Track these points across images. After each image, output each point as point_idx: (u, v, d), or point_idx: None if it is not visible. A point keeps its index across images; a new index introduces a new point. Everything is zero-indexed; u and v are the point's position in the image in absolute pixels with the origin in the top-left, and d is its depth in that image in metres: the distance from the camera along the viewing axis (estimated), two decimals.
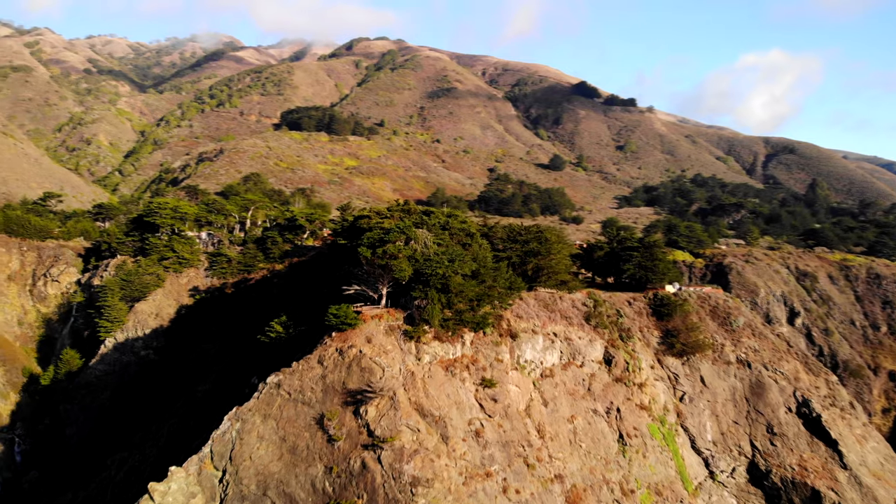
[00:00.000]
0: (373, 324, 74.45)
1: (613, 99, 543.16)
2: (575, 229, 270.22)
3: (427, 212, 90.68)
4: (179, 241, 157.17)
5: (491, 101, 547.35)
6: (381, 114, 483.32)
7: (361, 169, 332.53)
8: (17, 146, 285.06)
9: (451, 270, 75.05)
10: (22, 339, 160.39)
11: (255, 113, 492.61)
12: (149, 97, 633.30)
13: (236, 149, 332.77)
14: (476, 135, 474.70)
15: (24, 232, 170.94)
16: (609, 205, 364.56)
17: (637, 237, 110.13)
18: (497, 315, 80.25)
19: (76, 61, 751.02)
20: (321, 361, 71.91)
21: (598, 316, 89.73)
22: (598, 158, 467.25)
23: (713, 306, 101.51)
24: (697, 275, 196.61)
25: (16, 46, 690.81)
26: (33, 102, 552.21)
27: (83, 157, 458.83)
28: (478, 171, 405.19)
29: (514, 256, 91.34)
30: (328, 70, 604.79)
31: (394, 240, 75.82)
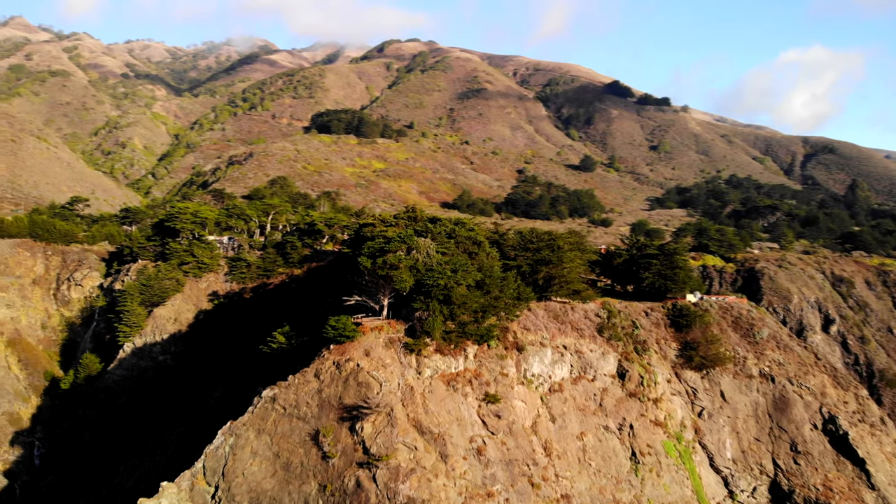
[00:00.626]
0: (372, 336, 72.22)
1: (647, 98, 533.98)
2: (603, 232, 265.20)
3: (433, 219, 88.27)
4: (199, 246, 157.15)
5: (521, 101, 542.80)
6: (411, 116, 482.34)
7: (388, 171, 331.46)
8: (50, 150, 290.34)
9: (454, 281, 72.48)
10: (45, 342, 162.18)
11: (286, 116, 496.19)
12: (183, 101, 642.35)
13: (265, 152, 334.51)
14: (505, 136, 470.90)
15: (49, 236, 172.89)
16: (640, 206, 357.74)
17: (657, 244, 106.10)
18: (503, 327, 77.44)
19: (114, 66, 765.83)
20: (318, 375, 69.92)
21: (611, 327, 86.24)
22: (630, 159, 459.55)
23: (735, 317, 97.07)
24: (728, 280, 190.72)
25: (55, 51, 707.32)
26: (71, 107, 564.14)
27: (118, 160, 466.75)
28: (506, 173, 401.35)
29: (524, 265, 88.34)
30: (359, 73, 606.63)
31: (394, 249, 73.56)
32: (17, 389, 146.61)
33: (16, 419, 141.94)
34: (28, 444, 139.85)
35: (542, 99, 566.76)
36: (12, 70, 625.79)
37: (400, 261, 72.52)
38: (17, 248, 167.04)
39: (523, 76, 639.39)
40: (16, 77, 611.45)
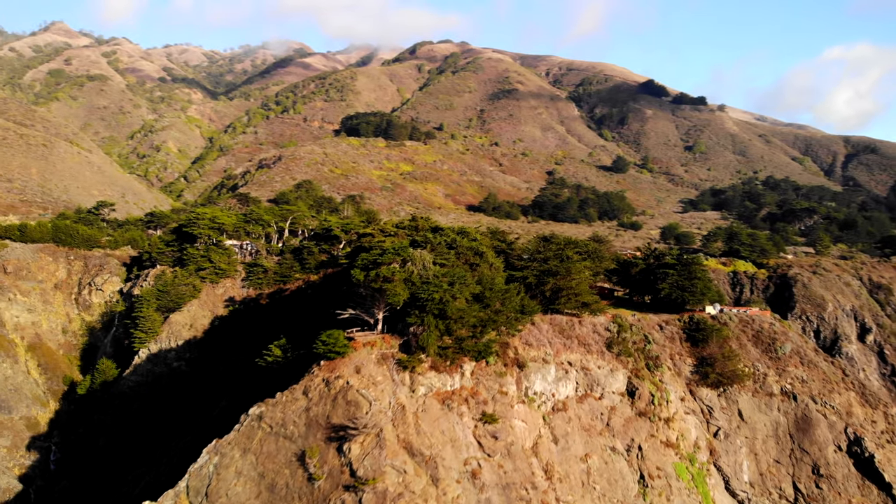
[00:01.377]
0: (364, 352, 69.52)
1: (682, 97, 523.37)
2: (632, 236, 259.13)
3: (436, 228, 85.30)
4: (217, 252, 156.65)
5: (553, 101, 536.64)
6: (441, 117, 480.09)
7: (415, 174, 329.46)
8: (81, 154, 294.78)
9: (450, 295, 69.37)
10: (65, 346, 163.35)
11: (318, 119, 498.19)
12: (217, 104, 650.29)
13: (293, 156, 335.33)
14: (536, 137, 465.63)
15: (72, 241, 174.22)
16: (673, 209, 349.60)
17: (675, 253, 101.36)
18: (503, 342, 74.08)
19: (151, 70, 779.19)
20: (306, 393, 67.46)
21: (621, 342, 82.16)
22: (664, 160, 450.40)
23: (756, 331, 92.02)
24: (760, 287, 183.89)
25: (94, 56, 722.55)
26: (108, 111, 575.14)
27: (152, 163, 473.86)
28: (536, 175, 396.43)
29: (530, 276, 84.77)
30: (390, 75, 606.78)
31: (388, 261, 70.76)
32: (35, 394, 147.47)
33: (33, 424, 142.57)
34: (45, 448, 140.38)
35: (574, 99, 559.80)
36: (52, 75, 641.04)
37: (394, 273, 69.69)
38: (39, 253, 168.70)
39: (556, 76, 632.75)
40: (55, 82, 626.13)
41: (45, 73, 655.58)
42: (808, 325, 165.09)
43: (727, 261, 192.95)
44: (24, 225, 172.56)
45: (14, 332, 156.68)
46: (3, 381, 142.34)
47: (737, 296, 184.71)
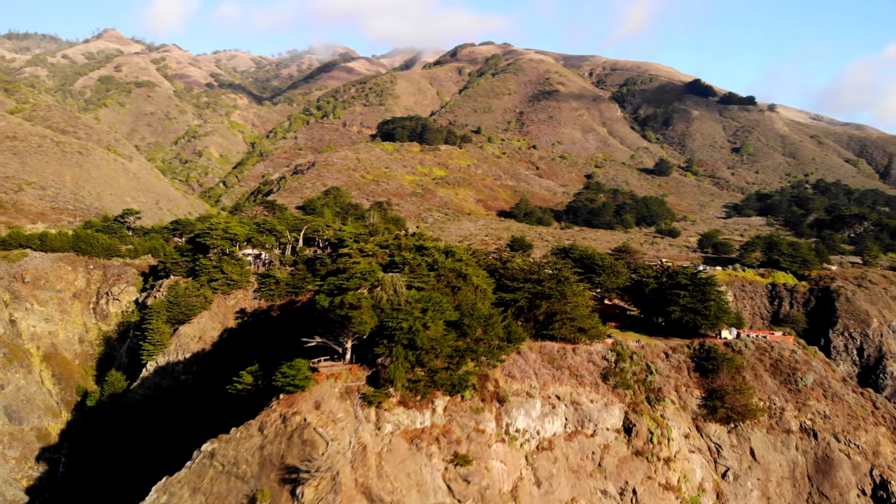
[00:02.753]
0: (326, 385, 64.53)
1: (730, 97, 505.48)
2: (668, 243, 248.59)
3: (421, 247, 79.77)
4: (229, 262, 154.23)
5: (595, 102, 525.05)
6: (479, 120, 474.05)
7: (448, 179, 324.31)
8: (118, 161, 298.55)
9: (421, 323, 63.83)
10: (82, 356, 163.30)
11: (356, 123, 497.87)
12: (260, 109, 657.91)
13: (326, 162, 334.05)
14: (576, 139, 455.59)
15: (92, 250, 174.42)
16: (717, 214, 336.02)
17: (689, 271, 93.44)
18: (482, 374, 68.13)
19: (199, 76, 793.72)
20: (262, 429, 62.75)
21: (618, 373, 75.19)
22: (710, 162, 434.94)
23: (775, 359, 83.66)
24: (800, 300, 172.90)
25: (143, 63, 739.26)
26: (154, 116, 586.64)
27: (193, 168, 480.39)
28: (573, 178, 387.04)
29: (522, 299, 78.49)
30: (431, 78, 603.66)
31: (355, 286, 65.58)
32: (48, 405, 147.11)
33: (44, 435, 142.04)
34: (54, 460, 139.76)
35: (618, 100, 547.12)
36: (102, 81, 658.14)
37: (360, 300, 64.44)
38: (58, 263, 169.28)
39: (600, 76, 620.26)
40: (105, 88, 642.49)
41: (95, 79, 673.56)
42: (850, 342, 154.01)
43: (766, 272, 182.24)
44: (45, 234, 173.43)
45: (30, 341, 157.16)
46: (16, 392, 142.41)
47: (775, 310, 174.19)
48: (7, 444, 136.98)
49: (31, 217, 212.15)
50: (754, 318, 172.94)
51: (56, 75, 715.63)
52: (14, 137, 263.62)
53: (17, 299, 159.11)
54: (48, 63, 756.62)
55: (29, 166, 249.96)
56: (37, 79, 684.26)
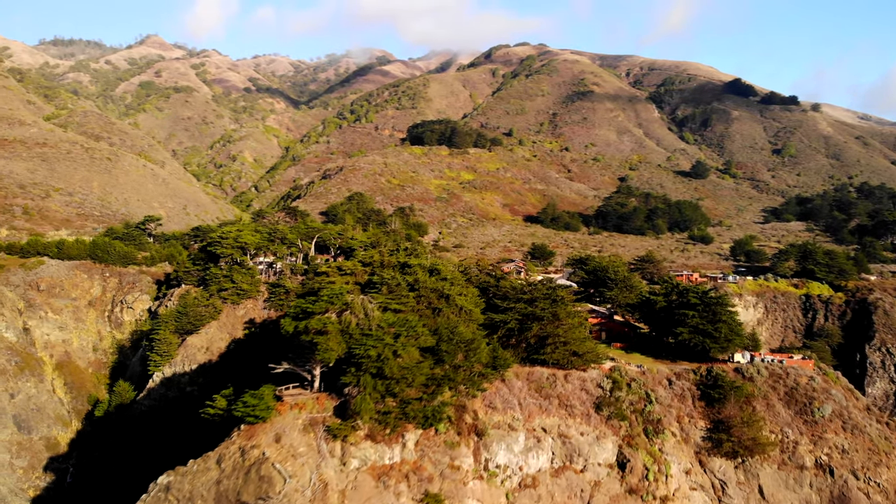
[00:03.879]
0: (289, 416, 60.52)
1: (772, 97, 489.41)
2: (699, 250, 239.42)
3: (405, 265, 75.20)
4: (239, 272, 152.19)
5: (631, 103, 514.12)
6: (511, 123, 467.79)
7: (475, 183, 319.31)
8: (146, 167, 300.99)
9: (392, 350, 59.37)
10: (95, 364, 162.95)
11: (388, 127, 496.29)
12: (295, 114, 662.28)
13: (353, 166, 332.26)
14: (610, 140, 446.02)
15: (108, 258, 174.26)
16: (754, 218, 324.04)
17: (700, 290, 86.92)
18: (459, 405, 63.32)
19: (237, 80, 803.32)
20: (220, 462, 59.01)
21: (613, 403, 69.51)
22: (749, 164, 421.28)
23: (790, 387, 76.82)
24: (835, 313, 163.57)
25: (182, 68, 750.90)
26: (192, 121, 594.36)
27: (227, 173, 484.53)
28: (606, 181, 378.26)
29: (512, 320, 73.40)
30: (464, 80, 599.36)
31: (321, 310, 61.44)
32: (58, 414, 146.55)
33: (53, 444, 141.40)
34: (62, 470, 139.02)
35: (655, 100, 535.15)
36: (142, 87, 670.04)
37: (325, 325, 60.25)
38: (74, 270, 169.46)
39: (637, 76, 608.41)
40: (145, 93, 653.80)
41: (136, 85, 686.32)
42: (887, 357, 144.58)
43: (800, 283, 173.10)
44: (62, 241, 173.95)
45: (43, 349, 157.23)
46: (26, 401, 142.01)
47: (809, 323, 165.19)
48: (15, 453, 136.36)
49: (56, 223, 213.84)
50: (786, 332, 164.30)
51: (98, 81, 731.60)
52: (44, 144, 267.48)
53: (32, 307, 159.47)
54: (91, 69, 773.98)
55: (57, 172, 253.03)
56: (80, 84, 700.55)
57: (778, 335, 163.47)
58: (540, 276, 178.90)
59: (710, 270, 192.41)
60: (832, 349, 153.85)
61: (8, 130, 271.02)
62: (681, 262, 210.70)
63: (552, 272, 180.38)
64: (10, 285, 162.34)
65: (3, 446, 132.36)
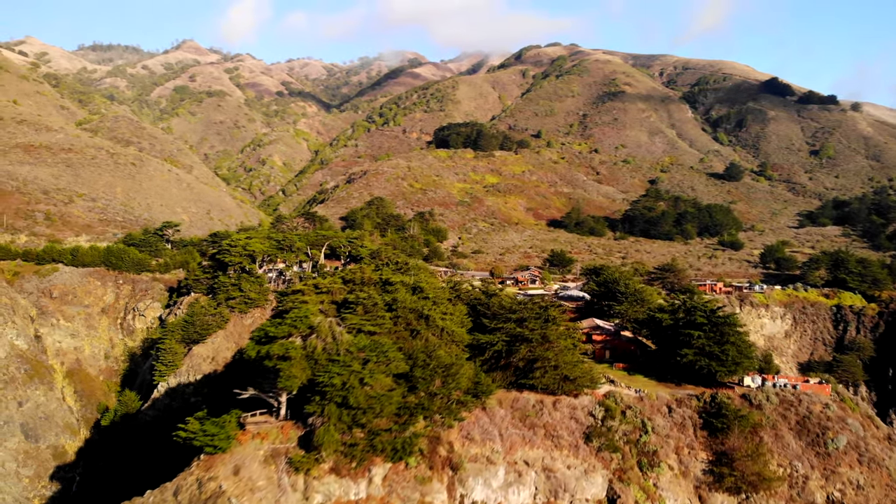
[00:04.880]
0: (250, 447, 57.10)
1: (810, 96, 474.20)
2: (728, 257, 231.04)
3: (387, 282, 71.29)
4: (247, 280, 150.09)
5: (664, 103, 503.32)
6: (539, 124, 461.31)
7: (500, 187, 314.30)
8: (171, 172, 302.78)
9: (358, 378, 55.56)
10: (106, 372, 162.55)
11: (416, 130, 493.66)
12: (325, 117, 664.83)
13: (376, 170, 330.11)
14: (641, 142, 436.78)
15: (123, 265, 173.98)
16: (788, 223, 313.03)
17: (709, 308, 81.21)
18: (433, 436, 59.14)
19: (270, 84, 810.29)
20: (177, 494, 55.87)
21: (605, 433, 64.59)
22: (786, 166, 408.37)
23: (802, 416, 70.86)
24: (868, 325, 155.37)
25: (216, 72, 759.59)
26: (224, 125, 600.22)
27: (256, 177, 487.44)
28: (636, 184, 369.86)
29: (499, 342, 68.98)
30: (493, 82, 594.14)
31: (284, 334, 57.92)
32: (67, 422, 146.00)
33: (60, 453, 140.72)
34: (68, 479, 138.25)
35: (689, 100, 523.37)
36: (177, 91, 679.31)
37: (288, 350, 56.69)
38: (87, 277, 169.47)
39: (670, 76, 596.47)
40: (179, 98, 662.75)
41: (170, 89, 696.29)
42: None
43: (831, 292, 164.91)
44: (77, 248, 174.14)
45: (55, 357, 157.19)
46: (35, 409, 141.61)
47: (840, 335, 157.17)
48: (22, 462, 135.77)
49: (77, 229, 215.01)
50: (815, 344, 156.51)
51: (135, 85, 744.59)
52: (70, 150, 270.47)
53: (44, 314, 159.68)
54: (128, 74, 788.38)
55: (81, 178, 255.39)
56: (116, 89, 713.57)
57: (807, 348, 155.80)
58: (556, 286, 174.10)
59: (737, 279, 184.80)
60: (864, 363, 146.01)
61: (35, 136, 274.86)
62: (707, 270, 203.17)
63: (570, 280, 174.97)
64: (24, 292, 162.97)
65: (9, 455, 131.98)
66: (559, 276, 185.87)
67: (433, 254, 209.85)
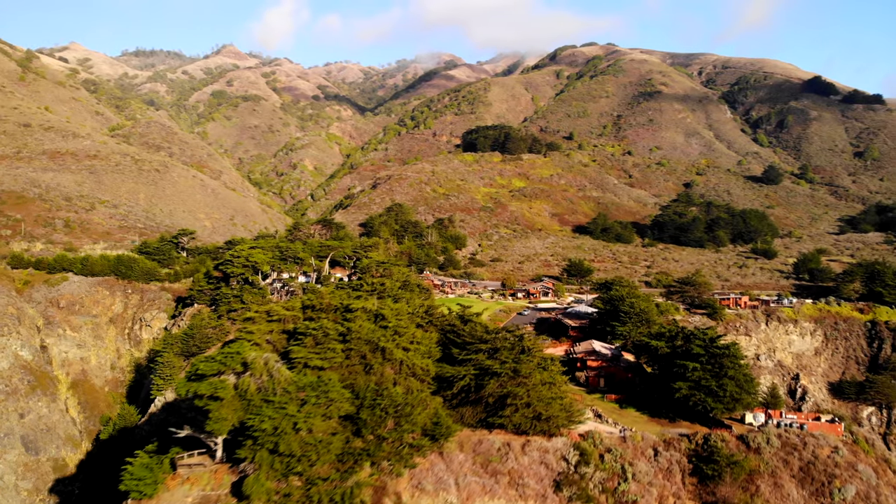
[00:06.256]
0: (178, 493, 52.53)
1: (854, 95, 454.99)
2: (759, 266, 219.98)
3: (348, 309, 66.00)
4: (250, 292, 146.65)
5: (702, 104, 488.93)
6: (572, 126, 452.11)
7: (526, 191, 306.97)
8: (196, 177, 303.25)
9: (291, 423, 50.42)
10: (112, 383, 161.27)
11: (446, 133, 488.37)
12: (358, 121, 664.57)
13: (400, 175, 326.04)
14: (677, 143, 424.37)
15: (132, 274, 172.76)
16: (828, 228, 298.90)
17: (709, 336, 73.78)
18: (379, 486, 53.60)
19: (307, 88, 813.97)
20: None
21: (578, 481, 58.18)
22: (828, 168, 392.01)
23: (806, 462, 63.23)
24: None
25: (253, 77, 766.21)
26: (258, 129, 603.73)
27: (287, 181, 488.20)
28: (669, 187, 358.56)
29: (466, 376, 63.16)
30: (526, 83, 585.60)
31: (214, 371, 53.11)
32: (69, 434, 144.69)
33: (60, 466, 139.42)
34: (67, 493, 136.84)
35: (728, 100, 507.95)
36: (214, 96, 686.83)
37: (217, 389, 51.86)
38: (96, 287, 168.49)
39: (710, 75, 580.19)
40: (217, 102, 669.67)
41: (208, 94, 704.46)
42: None
43: (865, 307, 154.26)
44: (87, 257, 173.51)
45: (60, 368, 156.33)
46: (36, 421, 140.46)
47: (874, 353, 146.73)
48: (21, 475, 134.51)
49: (95, 236, 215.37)
50: (847, 363, 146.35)
51: (174, 90, 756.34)
52: (95, 156, 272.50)
53: (51, 325, 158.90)
54: (168, 79, 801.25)
55: (104, 185, 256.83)
56: (156, 94, 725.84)
57: (838, 367, 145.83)
58: (570, 298, 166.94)
59: (766, 291, 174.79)
60: None
61: (62, 143, 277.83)
62: (735, 281, 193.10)
63: (585, 292, 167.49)
64: (33, 302, 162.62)
65: (9, 467, 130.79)
66: (576, 286, 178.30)
67: (449, 262, 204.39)
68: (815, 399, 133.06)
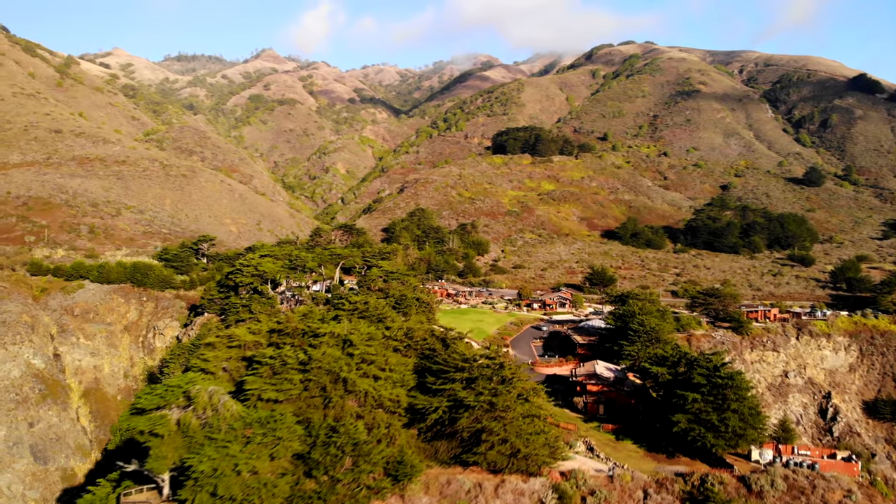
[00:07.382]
0: None
1: None
2: (794, 275, 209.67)
3: (315, 334, 61.94)
4: (259, 301, 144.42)
5: (742, 103, 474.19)
6: (606, 126, 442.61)
7: (554, 194, 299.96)
8: (223, 182, 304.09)
9: (231, 464, 46.54)
10: (125, 391, 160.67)
11: (477, 135, 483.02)
12: (392, 123, 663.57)
13: (426, 179, 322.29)
14: (715, 144, 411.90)
15: (148, 281, 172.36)
16: (872, 233, 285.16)
17: (713, 363, 67.60)
18: None
19: (343, 91, 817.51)
20: None
21: None
22: (873, 169, 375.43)
23: None
24: None
25: (290, 81, 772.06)
26: (293, 133, 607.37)
27: (319, 185, 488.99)
28: (706, 189, 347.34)
29: (440, 408, 58.55)
30: (561, 83, 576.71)
31: (155, 405, 49.57)
32: (79, 443, 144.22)
33: (69, 475, 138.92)
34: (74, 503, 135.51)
35: (769, 99, 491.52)
36: (251, 100, 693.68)
37: (156, 425, 48.33)
38: (111, 294, 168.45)
39: (751, 73, 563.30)
40: (254, 106, 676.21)
41: (246, 98, 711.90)
42: None
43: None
44: (103, 265, 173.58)
45: (73, 376, 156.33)
46: (46, 430, 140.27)
47: None
48: (28, 484, 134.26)
49: (118, 242, 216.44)
50: (884, 380, 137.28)
51: (213, 94, 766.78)
52: (123, 162, 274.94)
53: (65, 333, 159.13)
54: (207, 83, 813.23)
55: (131, 190, 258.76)
56: (196, 98, 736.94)
57: (874, 384, 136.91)
58: (589, 309, 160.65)
59: (799, 302, 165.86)
60: None
61: (91, 149, 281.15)
62: (767, 291, 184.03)
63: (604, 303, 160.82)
64: (48, 309, 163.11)
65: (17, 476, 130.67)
66: (598, 296, 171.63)
67: (469, 269, 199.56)
68: (847, 420, 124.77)
